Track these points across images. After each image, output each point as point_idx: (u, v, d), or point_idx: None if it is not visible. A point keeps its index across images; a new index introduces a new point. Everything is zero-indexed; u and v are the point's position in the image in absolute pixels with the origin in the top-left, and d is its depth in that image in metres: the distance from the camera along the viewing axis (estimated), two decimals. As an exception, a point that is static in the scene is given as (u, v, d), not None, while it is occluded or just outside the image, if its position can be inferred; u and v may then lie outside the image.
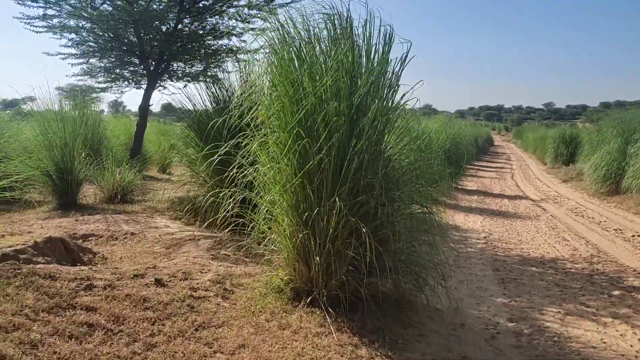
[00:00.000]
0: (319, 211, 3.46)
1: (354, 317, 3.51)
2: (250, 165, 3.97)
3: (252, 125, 3.93)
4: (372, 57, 3.66)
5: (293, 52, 3.71)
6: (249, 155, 3.97)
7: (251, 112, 3.95)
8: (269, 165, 3.75)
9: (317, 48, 3.73)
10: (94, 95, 12.41)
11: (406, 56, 3.71)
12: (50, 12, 9.00)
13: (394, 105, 3.77)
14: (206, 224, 5.87)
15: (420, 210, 4.22)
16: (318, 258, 3.52)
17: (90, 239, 5.55)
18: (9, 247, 4.04)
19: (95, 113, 12.03)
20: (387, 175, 3.66)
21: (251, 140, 3.94)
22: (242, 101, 4.13)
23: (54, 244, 4.34)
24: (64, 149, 7.12)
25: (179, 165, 12.62)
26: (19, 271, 3.17)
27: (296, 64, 3.65)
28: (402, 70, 3.68)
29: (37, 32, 9.25)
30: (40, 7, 8.90)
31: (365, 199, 3.50)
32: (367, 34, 3.66)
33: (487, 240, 7.52)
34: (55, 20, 9.11)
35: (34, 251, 4.10)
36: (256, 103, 3.96)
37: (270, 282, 3.92)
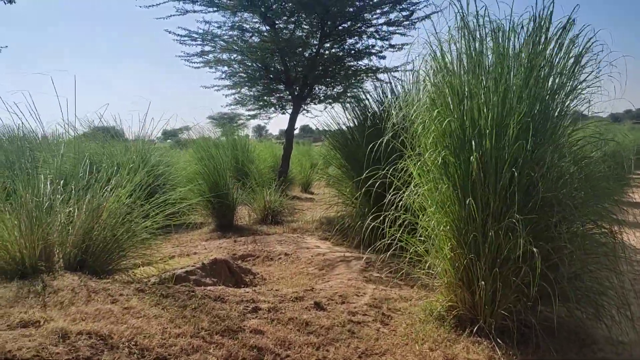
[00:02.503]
0: (487, 233, 3.22)
1: (526, 349, 3.20)
2: (404, 186, 3.85)
3: (406, 144, 3.82)
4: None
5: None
6: (404, 175, 3.86)
7: (407, 131, 3.84)
8: (427, 187, 3.60)
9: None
10: (241, 121, 13.22)
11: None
12: (206, 48, 9.83)
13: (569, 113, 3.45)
14: (355, 243, 5.88)
15: (596, 230, 3.78)
16: (484, 283, 3.27)
17: (248, 259, 5.82)
18: (181, 268, 4.36)
19: (244, 138, 12.87)
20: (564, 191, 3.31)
21: (406, 160, 3.83)
22: (393, 120, 4.03)
23: (219, 265, 4.60)
24: (220, 175, 7.64)
25: (320, 184, 12.95)
26: (193, 294, 3.37)
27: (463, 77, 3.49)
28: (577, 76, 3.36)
29: (195, 67, 10.13)
30: (198, 44, 9.75)
31: (538, 218, 3.19)
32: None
33: (670, 261, 6.55)
34: (211, 56, 9.90)
35: (202, 272, 4.37)
36: (410, 120, 3.83)
37: (430, 308, 3.74)
